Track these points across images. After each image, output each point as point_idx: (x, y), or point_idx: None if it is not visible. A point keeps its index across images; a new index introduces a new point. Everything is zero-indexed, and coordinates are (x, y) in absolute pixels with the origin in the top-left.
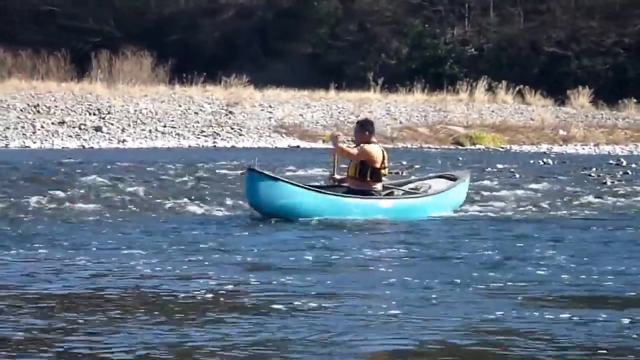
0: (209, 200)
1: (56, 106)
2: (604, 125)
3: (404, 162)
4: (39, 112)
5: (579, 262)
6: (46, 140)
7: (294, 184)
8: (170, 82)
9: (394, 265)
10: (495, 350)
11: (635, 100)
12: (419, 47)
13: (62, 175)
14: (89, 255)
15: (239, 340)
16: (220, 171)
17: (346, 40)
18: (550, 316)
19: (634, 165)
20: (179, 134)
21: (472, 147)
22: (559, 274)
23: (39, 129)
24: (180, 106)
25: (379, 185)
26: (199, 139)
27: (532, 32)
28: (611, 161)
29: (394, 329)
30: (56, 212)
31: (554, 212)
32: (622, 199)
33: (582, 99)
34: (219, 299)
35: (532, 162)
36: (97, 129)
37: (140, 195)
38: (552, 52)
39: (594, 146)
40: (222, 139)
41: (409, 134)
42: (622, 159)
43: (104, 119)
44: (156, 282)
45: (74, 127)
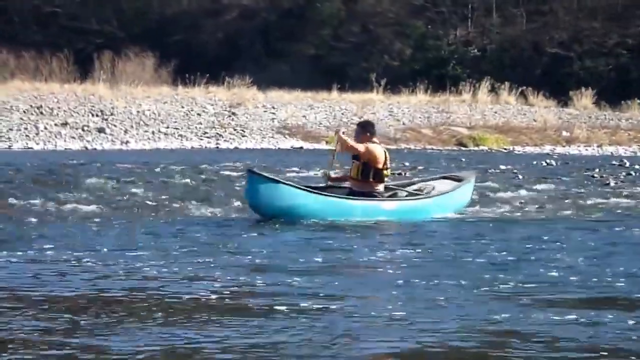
0: (212, 201)
1: (59, 107)
2: (607, 126)
3: (406, 164)
4: (42, 113)
5: (585, 264)
6: (49, 141)
7: (294, 186)
8: (173, 83)
9: (398, 266)
10: (499, 352)
11: (638, 101)
12: (421, 48)
13: (65, 176)
14: (94, 257)
15: (243, 341)
16: (223, 172)
17: (349, 41)
18: (556, 318)
19: (637, 166)
20: (181, 135)
21: (475, 148)
22: (565, 275)
23: (42, 130)
24: (183, 107)
25: (381, 186)
26: (201, 140)
27: (534, 33)
28: (614, 162)
29: (398, 330)
30: (60, 214)
31: (558, 214)
32: (625, 199)
33: (584, 100)
34: (224, 300)
35: (535, 163)
36: (100, 131)
37: (144, 196)
38: (554, 53)
39: (597, 147)
40: (225, 140)
41: (412, 135)
42: (625, 160)
43: (106, 120)
44: (160, 283)
45: (77, 129)
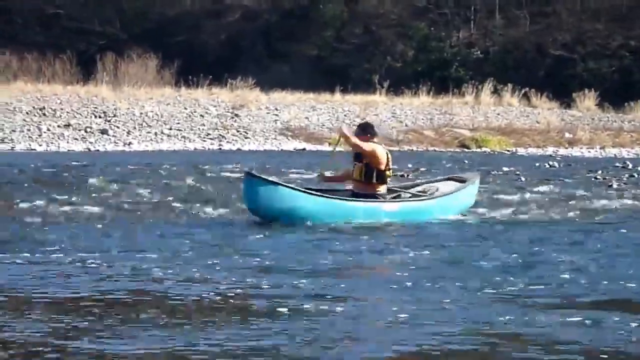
0: (215, 203)
1: (62, 109)
2: (610, 128)
3: (409, 165)
4: (44, 114)
5: (590, 266)
6: (52, 143)
7: (293, 188)
8: (175, 84)
9: (401, 269)
10: (503, 354)
11: None
12: (424, 50)
13: (69, 178)
14: (97, 258)
15: (246, 343)
16: (226, 174)
17: (351, 43)
18: (560, 320)
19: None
20: (184, 137)
21: (478, 149)
22: (570, 277)
23: (44, 132)
24: (185, 109)
25: (383, 188)
26: (204, 141)
27: (537, 35)
28: (617, 164)
29: (402, 332)
30: (63, 215)
31: (561, 215)
32: (629, 201)
33: (588, 101)
34: (228, 302)
35: (537, 165)
36: (103, 132)
37: (147, 198)
38: (557, 54)
39: (600, 149)
40: (227, 142)
41: (415, 136)
42: (628, 162)
43: (109, 121)
44: (164, 285)
45: (79, 130)
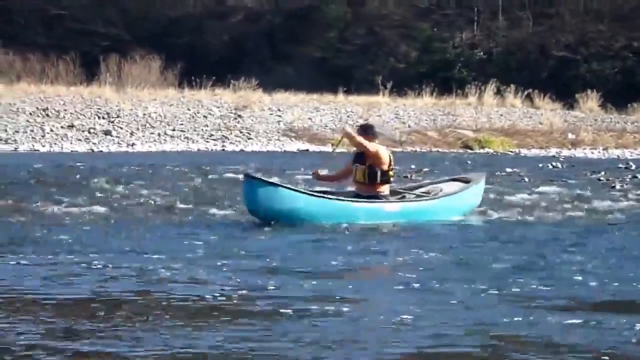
0: (219, 204)
1: (65, 110)
2: (613, 129)
3: (412, 166)
4: (48, 115)
5: (596, 267)
6: (55, 143)
7: (294, 189)
8: (179, 85)
9: (404, 270)
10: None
11: None
12: (427, 51)
13: (72, 179)
14: (101, 259)
15: (249, 345)
16: (230, 175)
17: (355, 44)
18: (566, 322)
19: None
20: (187, 138)
21: (481, 150)
22: (576, 279)
23: (48, 133)
24: (189, 110)
25: (386, 188)
26: (207, 142)
27: (541, 36)
28: (620, 165)
29: (406, 334)
30: (66, 216)
31: (565, 217)
32: (632, 202)
33: (591, 102)
34: (232, 303)
35: (541, 166)
36: (106, 133)
37: (150, 199)
38: (561, 56)
39: (603, 150)
40: (230, 143)
41: (418, 137)
42: (631, 163)
43: (113, 122)
44: (168, 286)
45: (83, 131)
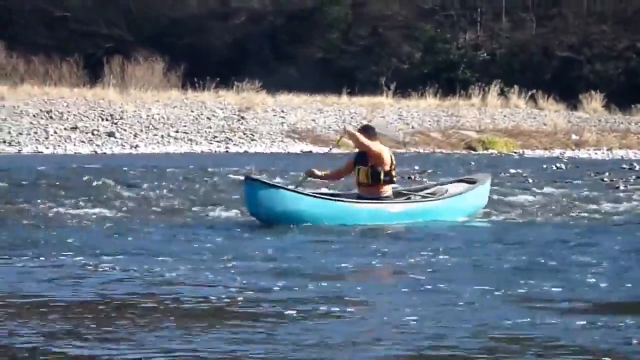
0: (223, 205)
1: (69, 112)
2: (617, 129)
3: (416, 167)
4: (51, 117)
5: (602, 268)
6: (59, 145)
7: (294, 191)
8: (182, 87)
9: (409, 271)
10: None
11: None
12: (431, 51)
13: (76, 181)
14: (105, 261)
15: (251, 346)
16: (233, 176)
17: (358, 44)
18: (571, 323)
19: None
20: (191, 140)
21: (485, 152)
22: (581, 280)
23: (51, 135)
24: (192, 111)
25: (389, 189)
26: (211, 144)
27: (544, 37)
28: (624, 166)
29: (409, 335)
30: (70, 218)
31: (569, 217)
32: (636, 203)
33: (594, 103)
34: (237, 304)
35: (545, 166)
36: (110, 135)
37: (155, 200)
38: (564, 56)
39: (607, 151)
40: (234, 145)
41: (422, 138)
42: (635, 164)
43: (116, 124)
44: (171, 288)
45: (86, 133)
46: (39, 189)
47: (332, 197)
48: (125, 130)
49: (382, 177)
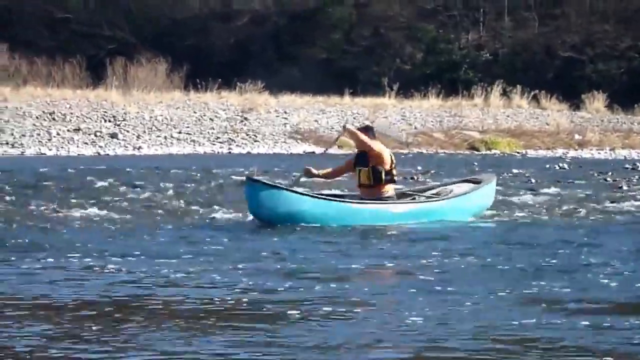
0: (226, 206)
1: (72, 113)
2: (620, 129)
3: (419, 167)
4: (54, 119)
5: (608, 268)
6: (62, 147)
7: (296, 192)
8: (185, 88)
9: (413, 271)
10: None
11: None
12: (433, 52)
13: (79, 182)
14: (108, 262)
15: (259, 348)
16: (236, 177)
17: (360, 45)
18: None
19: None
20: (194, 141)
21: (488, 152)
22: (587, 280)
23: (54, 136)
24: (195, 112)
25: (391, 188)
26: (214, 145)
27: (546, 37)
28: (627, 165)
29: (411, 336)
30: (74, 220)
31: (572, 218)
32: (639, 202)
33: (597, 103)
34: (241, 305)
35: (547, 166)
36: (113, 136)
37: (158, 202)
38: (566, 56)
39: (610, 150)
40: (237, 145)
41: (424, 139)
42: (637, 163)
43: (119, 125)
44: (175, 289)
45: (89, 134)
46: (42, 191)
47: (335, 198)
48: (128, 131)
49: (383, 176)
